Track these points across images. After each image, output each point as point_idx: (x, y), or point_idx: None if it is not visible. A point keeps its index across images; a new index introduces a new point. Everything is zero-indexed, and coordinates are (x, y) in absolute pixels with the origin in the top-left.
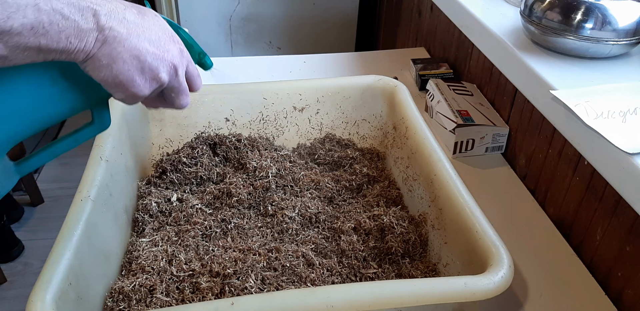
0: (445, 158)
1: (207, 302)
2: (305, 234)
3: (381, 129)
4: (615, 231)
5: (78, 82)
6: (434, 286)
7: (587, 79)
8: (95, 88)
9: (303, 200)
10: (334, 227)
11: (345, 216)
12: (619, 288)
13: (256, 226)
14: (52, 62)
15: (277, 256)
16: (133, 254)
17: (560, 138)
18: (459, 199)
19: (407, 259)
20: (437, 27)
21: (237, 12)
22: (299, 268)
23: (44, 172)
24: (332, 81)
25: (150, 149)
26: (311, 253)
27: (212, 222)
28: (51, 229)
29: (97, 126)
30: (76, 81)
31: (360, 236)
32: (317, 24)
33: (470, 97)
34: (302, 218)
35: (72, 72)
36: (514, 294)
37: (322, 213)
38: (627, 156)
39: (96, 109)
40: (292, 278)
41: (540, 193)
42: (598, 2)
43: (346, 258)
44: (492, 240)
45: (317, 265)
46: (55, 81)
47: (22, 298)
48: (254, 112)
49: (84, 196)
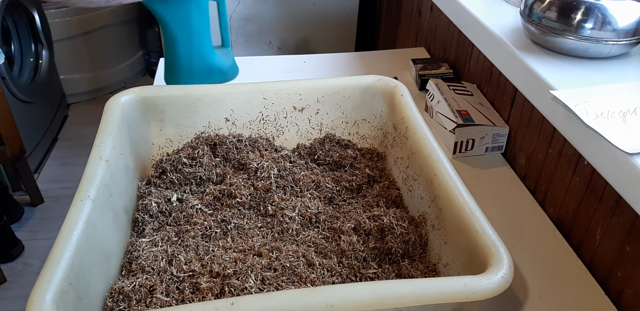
0: (445, 158)
1: (207, 302)
2: (305, 234)
3: (381, 129)
4: (615, 231)
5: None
6: (434, 286)
7: (586, 79)
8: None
9: (303, 200)
10: (334, 227)
11: (345, 216)
12: (618, 288)
13: (256, 227)
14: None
15: (277, 256)
16: (133, 254)
17: (560, 138)
18: (459, 199)
19: (407, 259)
20: (437, 27)
21: (237, 12)
22: (299, 268)
23: (44, 172)
24: (332, 81)
25: (150, 149)
26: (311, 254)
27: (212, 222)
28: (51, 229)
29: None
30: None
31: (360, 236)
32: (317, 24)
33: (470, 97)
34: (302, 218)
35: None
36: (514, 294)
37: (322, 213)
38: (627, 156)
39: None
40: (292, 278)
41: (540, 193)
42: (598, 2)
43: (346, 258)
44: (492, 240)
45: (317, 265)
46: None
47: (22, 298)
48: (254, 113)
49: (83, 196)
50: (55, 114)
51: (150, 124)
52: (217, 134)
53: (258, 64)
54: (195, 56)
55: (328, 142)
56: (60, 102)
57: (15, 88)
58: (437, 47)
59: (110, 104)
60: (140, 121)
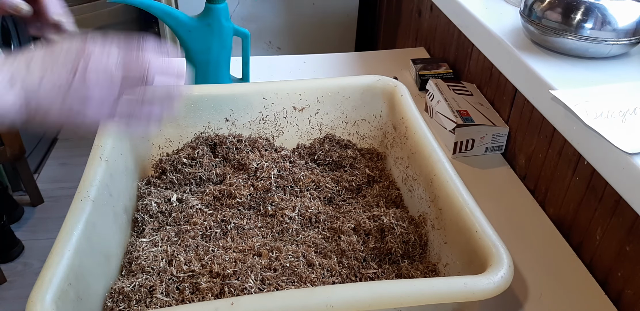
0: (445, 158)
1: (207, 302)
2: (305, 234)
3: (381, 129)
4: (615, 231)
5: None
6: (434, 286)
7: (586, 79)
8: None
9: (303, 200)
10: (333, 227)
11: (345, 216)
12: (618, 288)
13: (256, 227)
14: None
15: (277, 256)
16: (133, 254)
17: (560, 138)
18: (459, 199)
19: (407, 259)
20: (437, 27)
21: (237, 12)
22: (299, 269)
23: (44, 172)
24: (332, 81)
25: (150, 149)
26: (311, 254)
27: (212, 222)
28: (51, 229)
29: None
30: None
31: (360, 236)
32: (317, 24)
33: (470, 97)
34: (302, 218)
35: None
36: (514, 294)
37: (322, 213)
38: (626, 156)
39: None
40: (292, 278)
41: (540, 193)
42: (598, 2)
43: (346, 258)
44: (492, 240)
45: (317, 265)
46: None
47: (22, 298)
48: (253, 113)
49: (83, 196)
50: None
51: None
52: (217, 134)
53: (258, 64)
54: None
55: (328, 142)
56: None
57: None
58: (437, 47)
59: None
60: None
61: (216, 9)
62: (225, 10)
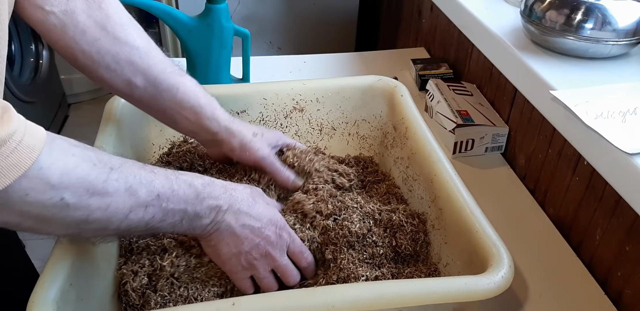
0: (445, 158)
1: (207, 302)
2: (306, 234)
3: (381, 129)
4: (614, 231)
5: None
6: (434, 286)
7: (586, 79)
8: None
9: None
10: (334, 227)
11: (345, 216)
12: (618, 288)
13: None
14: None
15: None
16: (134, 254)
17: (559, 138)
18: (459, 200)
19: (411, 260)
20: (437, 27)
21: (237, 12)
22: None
23: None
24: (332, 81)
25: (150, 149)
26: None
27: None
28: None
29: None
30: None
31: (360, 236)
32: (317, 24)
33: (470, 97)
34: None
35: None
36: (514, 294)
37: (322, 213)
38: (626, 156)
39: None
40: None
41: (540, 193)
42: (598, 2)
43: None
44: (492, 240)
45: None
46: None
47: None
48: (254, 113)
49: None
50: (55, 114)
51: (150, 125)
52: None
53: (258, 64)
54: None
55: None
56: (60, 102)
57: (16, 88)
58: (437, 47)
59: (111, 104)
60: (141, 121)
61: (216, 9)
62: (225, 11)
